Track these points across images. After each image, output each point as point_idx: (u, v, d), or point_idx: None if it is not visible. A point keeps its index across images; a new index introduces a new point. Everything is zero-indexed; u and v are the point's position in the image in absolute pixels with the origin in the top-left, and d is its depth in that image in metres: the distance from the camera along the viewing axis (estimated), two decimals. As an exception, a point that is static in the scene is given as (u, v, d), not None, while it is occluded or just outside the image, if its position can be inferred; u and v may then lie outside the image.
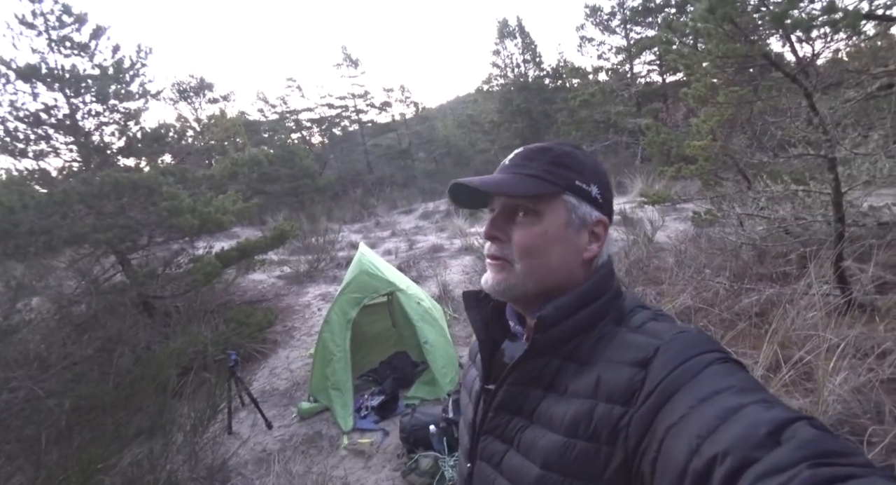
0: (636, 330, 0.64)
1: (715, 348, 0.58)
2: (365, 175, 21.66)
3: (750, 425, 0.45)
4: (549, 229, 0.68)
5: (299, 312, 6.64)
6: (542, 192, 0.68)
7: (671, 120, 7.88)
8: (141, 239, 4.90)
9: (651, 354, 0.58)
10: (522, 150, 0.74)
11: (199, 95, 17.27)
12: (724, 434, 0.45)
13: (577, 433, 0.60)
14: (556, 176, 0.69)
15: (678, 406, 0.51)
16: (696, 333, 0.61)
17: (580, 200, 0.70)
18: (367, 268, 4.30)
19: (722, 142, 4.05)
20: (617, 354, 0.62)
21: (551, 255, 0.68)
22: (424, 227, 14.20)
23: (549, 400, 0.65)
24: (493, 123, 20.82)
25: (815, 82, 2.98)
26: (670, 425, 0.51)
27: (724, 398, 0.49)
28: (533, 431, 0.66)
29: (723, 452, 0.44)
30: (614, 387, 0.59)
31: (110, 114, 5.25)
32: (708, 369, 0.54)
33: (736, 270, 4.43)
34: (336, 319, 4.01)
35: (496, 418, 0.71)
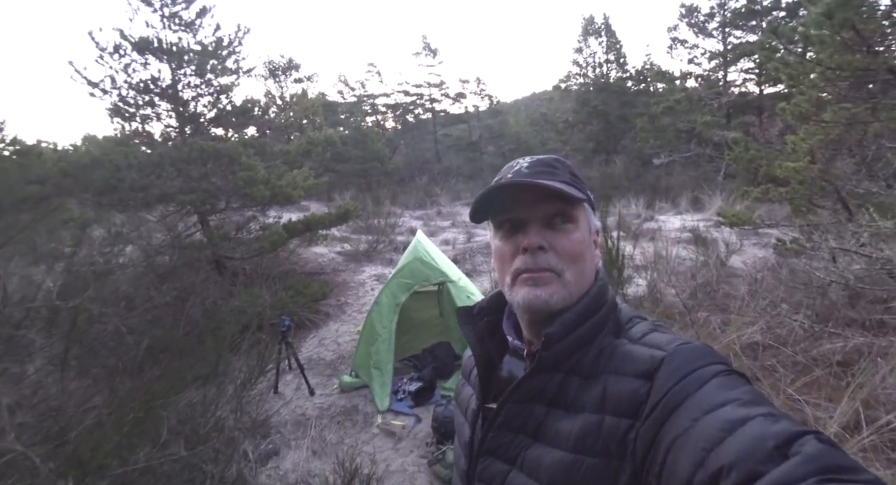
0: (638, 341, 0.64)
1: (719, 360, 0.57)
2: (432, 164, 21.95)
3: (756, 438, 0.44)
4: (584, 235, 0.69)
5: (353, 288, 6.92)
6: (583, 198, 0.69)
7: (763, 136, 7.17)
8: (219, 203, 5.34)
9: (656, 366, 0.58)
10: (535, 159, 0.73)
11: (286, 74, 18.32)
12: (730, 447, 0.44)
13: (585, 449, 0.59)
14: (579, 185, 0.71)
15: (682, 418, 0.51)
16: (699, 346, 0.60)
17: (590, 211, 0.73)
18: (422, 256, 4.37)
19: (822, 165, 3.63)
20: (621, 366, 0.61)
21: (588, 261, 0.69)
22: (484, 221, 14.15)
23: (554, 416, 0.64)
24: (567, 123, 20.18)
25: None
26: (675, 438, 0.50)
27: (729, 410, 0.48)
28: (537, 449, 0.64)
29: (728, 465, 0.43)
30: (620, 400, 0.58)
31: (206, 87, 5.74)
32: (712, 381, 0.53)
33: (820, 309, 3.98)
34: (386, 302, 4.13)
35: (497, 437, 0.69)
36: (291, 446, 3.22)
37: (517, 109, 30.24)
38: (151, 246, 5.45)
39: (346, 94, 23.56)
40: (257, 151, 5.29)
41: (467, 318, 0.79)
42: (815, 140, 3.41)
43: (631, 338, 0.65)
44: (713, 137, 13.53)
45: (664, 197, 13.20)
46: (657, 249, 6.44)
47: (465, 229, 12.11)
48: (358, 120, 20.12)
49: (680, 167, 15.04)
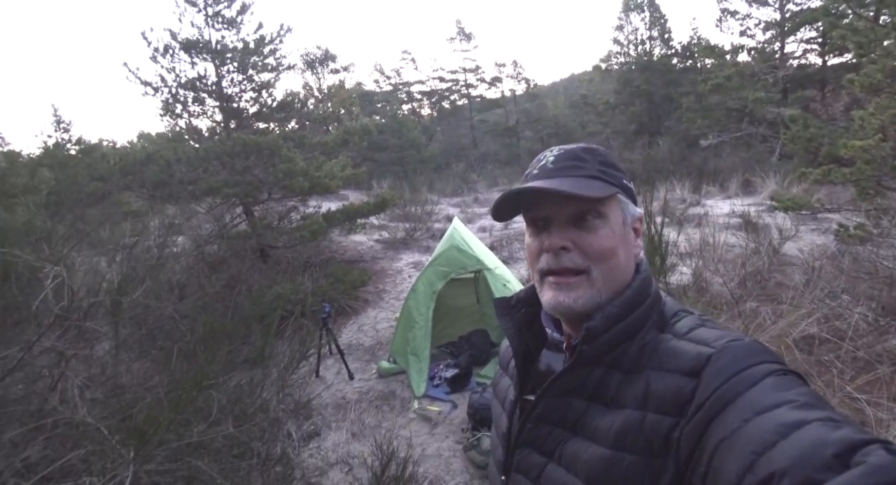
0: (684, 337, 0.61)
1: (772, 359, 0.54)
2: (469, 150, 21.81)
3: (814, 443, 0.40)
4: (615, 229, 0.67)
5: (391, 276, 7.05)
6: (610, 193, 0.66)
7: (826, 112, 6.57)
8: (262, 195, 5.55)
9: (703, 363, 0.55)
10: (561, 151, 0.70)
11: (323, 66, 18.64)
12: (783, 452, 0.41)
13: (626, 446, 0.57)
14: (610, 176, 0.68)
15: (731, 419, 0.48)
16: (750, 342, 0.57)
17: (627, 198, 0.70)
18: (458, 243, 4.38)
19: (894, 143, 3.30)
20: (666, 362, 0.59)
21: (620, 256, 0.67)
22: (521, 208, 13.98)
23: (594, 411, 0.63)
24: (608, 105, 19.40)
25: None
26: (722, 439, 0.47)
27: (784, 413, 0.45)
28: (576, 443, 0.63)
29: (781, 471, 0.40)
30: (664, 397, 0.56)
31: (248, 83, 5.95)
32: (765, 381, 0.50)
33: (887, 302, 3.67)
34: (422, 289, 4.18)
35: (535, 429, 0.69)
36: (332, 427, 3.36)
37: (555, 92, 29.41)
38: (201, 236, 5.77)
39: (382, 82, 23.74)
40: (296, 143, 5.45)
41: (505, 309, 0.78)
42: (888, 115, 3.10)
43: (676, 333, 0.62)
44: (767, 114, 12.63)
45: (712, 180, 12.49)
46: (704, 235, 6.14)
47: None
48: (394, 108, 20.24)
49: (730, 148, 14.15)
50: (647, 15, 17.48)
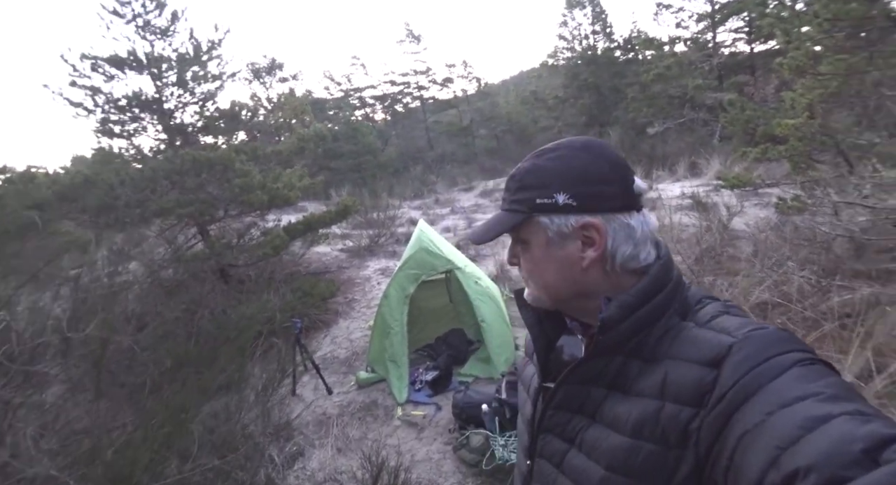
0: (705, 325, 0.60)
1: (799, 348, 0.52)
2: (426, 152, 21.80)
3: (841, 438, 0.39)
4: (535, 254, 0.70)
5: (360, 284, 6.93)
6: (507, 227, 0.70)
7: (759, 95, 7.08)
8: (218, 212, 5.31)
9: (724, 353, 0.54)
10: (508, 177, 0.76)
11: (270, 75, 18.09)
12: (809, 447, 0.40)
13: (643, 435, 0.57)
14: (520, 203, 0.69)
15: (754, 411, 0.47)
16: (775, 331, 0.55)
17: (550, 215, 0.67)
18: (427, 245, 4.36)
19: (821, 119, 3.58)
20: (685, 351, 0.58)
21: (546, 275, 0.69)
22: (484, 205, 14.11)
23: (613, 399, 0.63)
24: (558, 99, 19.92)
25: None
26: (744, 432, 0.46)
27: (810, 406, 0.44)
28: (595, 430, 0.64)
29: (806, 467, 0.39)
30: (682, 387, 0.55)
31: (190, 95, 5.65)
32: (790, 372, 0.48)
33: (826, 264, 3.98)
34: (394, 294, 4.14)
35: (556, 416, 0.70)
36: (316, 445, 3.27)
37: (506, 90, 29.89)
38: (154, 262, 5.45)
39: (333, 89, 23.30)
40: (249, 155, 5.24)
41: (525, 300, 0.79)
42: (814, 94, 3.36)
43: (698, 321, 0.61)
44: (706, 100, 13.39)
45: (661, 165, 13.08)
46: (659, 217, 6.41)
47: (465, 215, 12.09)
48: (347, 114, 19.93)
49: (675, 134, 14.88)
50: (590, 10, 18.10)
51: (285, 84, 19.05)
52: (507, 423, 2.78)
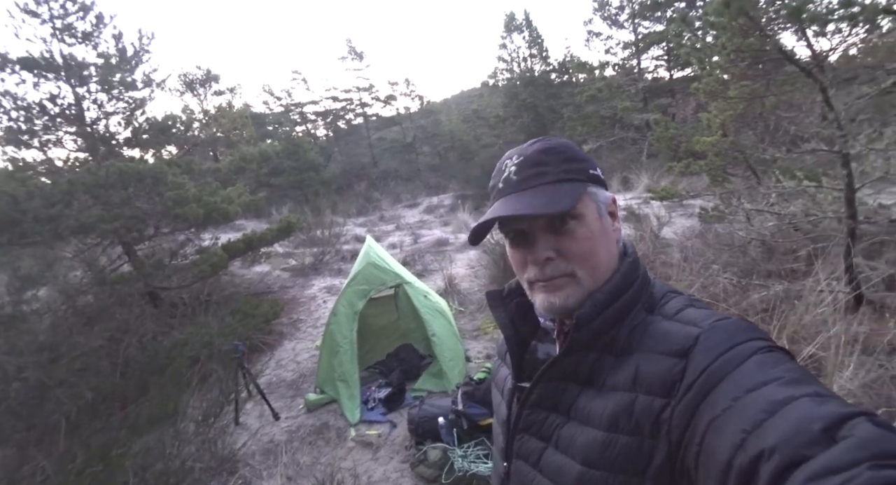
0: (672, 318, 0.62)
1: (759, 336, 0.55)
2: (369, 169, 21.67)
3: (801, 419, 0.41)
4: (592, 226, 0.66)
5: (305, 304, 6.66)
6: (579, 193, 0.66)
7: (680, 115, 7.84)
8: (147, 229, 4.90)
9: (691, 344, 0.56)
10: (521, 158, 0.68)
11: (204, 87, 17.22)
12: (772, 429, 0.42)
13: (618, 428, 0.58)
14: (576, 171, 0.68)
15: (721, 398, 0.49)
16: (737, 321, 0.58)
17: (597, 188, 0.69)
18: (375, 260, 4.31)
19: (733, 137, 4.01)
20: (654, 344, 0.60)
21: (602, 250, 0.67)
22: (429, 221, 14.20)
23: (587, 395, 0.63)
24: (499, 118, 20.72)
25: (830, 77, 2.95)
26: (713, 418, 0.48)
27: (772, 390, 0.46)
28: (571, 427, 0.64)
29: (770, 448, 0.41)
30: (654, 378, 0.57)
31: (115, 103, 5.20)
32: (752, 358, 0.51)
33: (744, 266, 4.40)
34: (343, 311, 4.03)
35: (532, 415, 0.70)
36: (264, 476, 3.05)
37: (448, 108, 30.57)
38: (70, 286, 4.91)
39: (273, 104, 22.65)
40: (184, 169, 4.90)
41: (497, 300, 0.79)
42: (725, 115, 3.78)
43: (665, 314, 0.63)
44: (634, 120, 14.52)
45: (596, 180, 13.88)
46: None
47: (411, 231, 12.10)
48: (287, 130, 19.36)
49: (607, 151, 15.93)
50: (527, 34, 19.12)
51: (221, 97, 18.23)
52: (466, 434, 2.77)
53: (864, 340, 2.73)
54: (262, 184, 12.06)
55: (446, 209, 15.15)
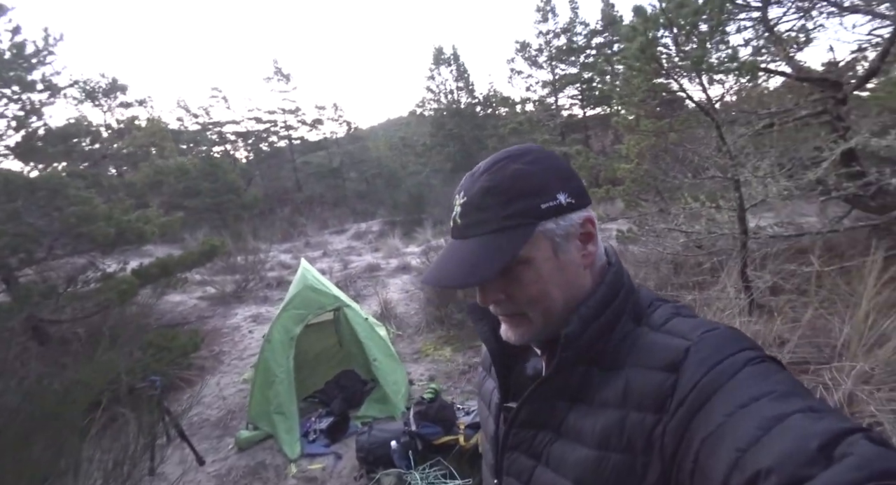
0: (660, 329, 0.60)
1: (749, 346, 0.54)
2: (294, 193, 20.87)
3: (798, 437, 0.40)
4: (542, 269, 0.62)
5: (227, 334, 6.13)
6: (520, 246, 0.59)
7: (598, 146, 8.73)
8: (38, 251, 4.22)
9: (681, 357, 0.54)
10: (466, 199, 0.63)
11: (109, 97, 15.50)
12: (768, 448, 0.41)
13: (610, 446, 0.56)
14: (521, 214, 0.60)
15: (714, 414, 0.48)
16: (726, 330, 0.57)
17: (556, 219, 0.61)
18: (313, 283, 4.14)
19: (647, 165, 4.53)
20: (643, 357, 0.58)
21: (556, 289, 0.63)
22: (358, 247, 13.93)
23: (577, 412, 0.61)
24: (426, 146, 21.29)
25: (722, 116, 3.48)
26: (706, 436, 0.47)
27: (765, 405, 0.45)
28: (562, 445, 0.62)
29: (767, 468, 0.40)
30: (644, 394, 0.55)
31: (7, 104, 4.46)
32: (743, 371, 0.50)
33: (658, 280, 4.88)
34: (278, 337, 3.77)
35: (520, 434, 0.67)
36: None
37: (375, 135, 30.83)
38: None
39: (188, 121, 21.09)
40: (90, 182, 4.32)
41: (480, 314, 0.74)
42: (640, 146, 4.28)
43: (652, 325, 0.61)
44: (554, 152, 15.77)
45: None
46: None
47: (339, 257, 11.79)
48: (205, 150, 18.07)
49: (529, 181, 17.00)
50: (454, 68, 20.09)
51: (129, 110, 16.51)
52: (419, 456, 2.69)
53: (759, 336, 3.15)
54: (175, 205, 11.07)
55: (375, 235, 15.01)
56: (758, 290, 3.99)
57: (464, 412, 3.01)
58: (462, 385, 4.21)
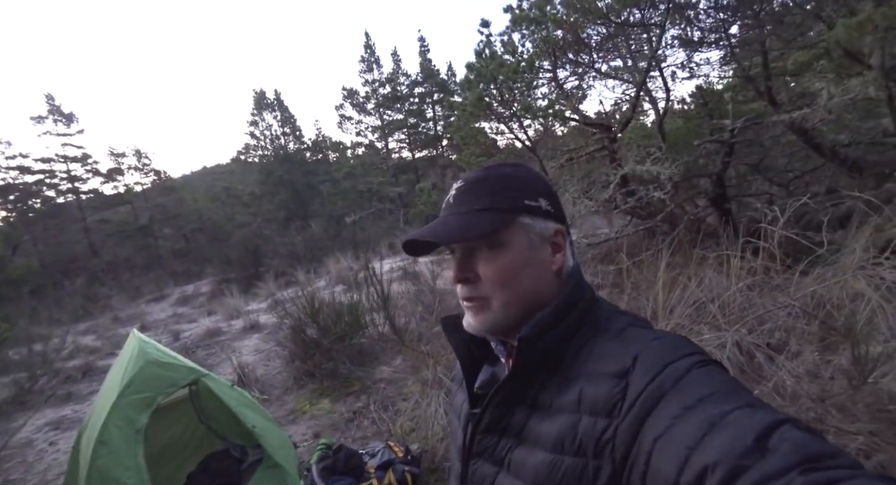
0: (614, 338, 0.64)
1: (693, 351, 0.58)
2: (88, 260, 16.87)
3: (737, 432, 0.44)
4: (515, 256, 0.68)
5: (15, 455, 4.56)
6: (497, 224, 0.67)
7: (441, 184, 9.60)
8: None
9: (629, 364, 0.58)
10: (463, 182, 0.72)
11: None
12: (713, 444, 0.45)
13: (563, 449, 0.59)
14: (506, 202, 0.68)
15: (663, 416, 0.51)
16: (673, 337, 0.61)
17: (534, 218, 0.69)
18: (156, 357, 3.46)
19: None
20: (596, 365, 0.61)
21: (524, 280, 0.68)
22: (187, 313, 11.99)
23: (536, 418, 0.65)
24: (254, 196, 19.96)
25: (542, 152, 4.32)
26: (657, 437, 0.50)
27: (708, 406, 0.49)
28: (522, 450, 0.65)
29: (713, 463, 0.43)
30: (596, 399, 0.58)
31: None
32: (689, 375, 0.54)
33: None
34: (118, 434, 3.03)
35: (484, 440, 0.70)
36: None
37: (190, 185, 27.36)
38: None
39: None
40: None
41: (452, 327, 0.80)
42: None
43: (608, 335, 0.65)
44: (389, 193, 16.46)
45: (365, 248, 14.81)
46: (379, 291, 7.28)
47: (165, 328, 10.04)
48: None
49: (370, 221, 17.34)
50: (279, 114, 19.47)
51: None
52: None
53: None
54: None
55: (206, 297, 13.18)
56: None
57: (369, 455, 2.89)
58: (352, 433, 4.00)
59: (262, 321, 8.83)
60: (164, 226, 20.44)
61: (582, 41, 4.43)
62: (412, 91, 17.46)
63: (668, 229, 5.02)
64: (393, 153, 18.70)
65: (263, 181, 19.71)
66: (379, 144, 18.56)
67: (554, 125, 4.92)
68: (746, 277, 3.42)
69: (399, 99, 17.06)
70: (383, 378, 4.78)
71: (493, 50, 3.83)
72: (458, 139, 5.01)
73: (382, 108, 17.87)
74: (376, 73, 17.64)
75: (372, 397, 4.46)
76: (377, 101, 17.53)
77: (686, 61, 5.35)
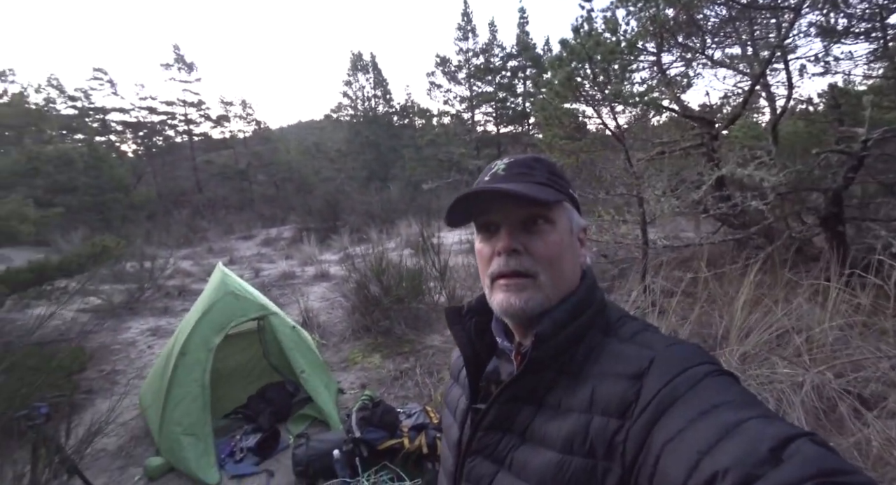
0: (628, 341, 0.63)
1: (709, 360, 0.58)
2: (193, 195, 18.97)
3: (752, 441, 0.44)
4: (563, 236, 0.68)
5: (121, 350, 5.41)
6: (559, 199, 0.68)
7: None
8: None
9: (645, 366, 0.57)
10: (512, 160, 0.72)
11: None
12: (725, 450, 0.44)
13: (573, 450, 0.58)
14: (559, 184, 0.70)
15: (675, 420, 0.50)
16: (689, 345, 0.61)
17: (573, 208, 0.72)
18: (234, 289, 3.86)
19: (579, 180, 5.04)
20: (610, 366, 0.61)
21: (567, 262, 0.68)
22: (268, 254, 13.12)
23: (543, 417, 0.63)
24: (340, 153, 20.87)
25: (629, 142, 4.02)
26: (667, 440, 0.50)
27: (723, 413, 0.48)
28: (525, 450, 0.64)
29: (724, 469, 0.43)
30: (609, 400, 0.58)
31: None
32: (704, 382, 0.53)
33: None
34: (194, 350, 3.45)
35: (486, 437, 0.68)
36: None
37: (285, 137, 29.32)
38: None
39: (60, 103, 18.01)
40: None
41: (456, 318, 0.79)
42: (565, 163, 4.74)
43: (621, 337, 0.64)
44: (469, 165, 16.37)
45: (437, 217, 15.02)
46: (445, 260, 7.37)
47: (249, 265, 11.06)
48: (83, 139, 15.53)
49: (445, 191, 17.44)
50: (372, 76, 19.97)
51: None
52: (365, 462, 2.65)
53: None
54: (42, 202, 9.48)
55: (287, 242, 14.27)
56: (653, 293, 4.62)
57: (405, 415, 3.03)
58: (395, 390, 4.21)
59: (332, 272, 9.42)
60: (259, 172, 22.25)
61: (695, 22, 3.96)
62: (505, 64, 16.92)
63: (763, 244, 4.50)
64: (478, 126, 18.47)
65: (351, 140, 20.54)
66: (465, 115, 18.40)
67: (649, 114, 4.52)
68: (848, 313, 3.00)
69: (491, 71, 16.63)
70: (434, 346, 4.92)
71: (593, 26, 3.55)
72: (541, 118, 4.79)
73: (473, 79, 17.56)
74: (471, 42, 17.32)
75: (419, 361, 4.62)
76: (469, 72, 17.25)
77: (822, 54, 4.59)
